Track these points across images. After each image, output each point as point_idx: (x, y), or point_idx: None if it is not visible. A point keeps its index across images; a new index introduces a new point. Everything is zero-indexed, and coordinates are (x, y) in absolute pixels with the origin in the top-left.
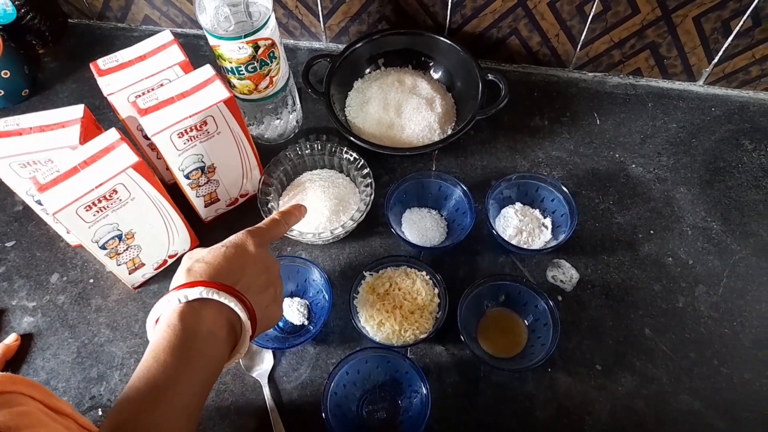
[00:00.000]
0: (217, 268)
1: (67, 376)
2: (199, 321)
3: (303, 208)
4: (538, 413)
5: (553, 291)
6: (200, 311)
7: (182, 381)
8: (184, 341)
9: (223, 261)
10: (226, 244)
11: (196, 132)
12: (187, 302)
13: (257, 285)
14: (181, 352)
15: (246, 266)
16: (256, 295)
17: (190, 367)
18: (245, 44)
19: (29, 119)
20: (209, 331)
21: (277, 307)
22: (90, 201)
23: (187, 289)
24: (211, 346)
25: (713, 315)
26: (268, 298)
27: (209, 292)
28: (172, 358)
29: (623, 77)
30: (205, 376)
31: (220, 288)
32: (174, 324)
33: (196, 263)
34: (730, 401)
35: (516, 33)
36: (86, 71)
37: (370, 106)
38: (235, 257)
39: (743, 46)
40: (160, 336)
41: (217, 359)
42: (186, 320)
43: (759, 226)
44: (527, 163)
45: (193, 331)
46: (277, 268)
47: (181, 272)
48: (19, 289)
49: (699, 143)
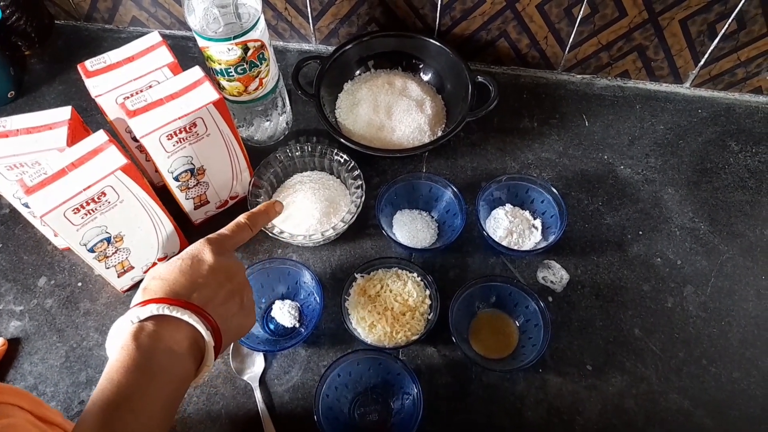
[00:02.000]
0: (172, 283)
1: (55, 380)
2: (156, 339)
3: (278, 204)
4: (530, 413)
5: (543, 292)
6: (157, 329)
7: (138, 400)
8: (139, 361)
9: (179, 275)
10: (182, 256)
11: (186, 134)
12: (141, 322)
13: (219, 296)
14: (135, 372)
15: (203, 277)
16: (218, 306)
17: (146, 386)
18: (234, 46)
19: (16, 121)
20: (167, 348)
21: (246, 316)
22: (78, 203)
23: (138, 308)
24: (170, 363)
25: (701, 315)
26: (233, 308)
27: (160, 308)
28: (125, 379)
29: (611, 79)
30: (165, 393)
31: (173, 303)
32: (127, 345)
33: (152, 281)
34: (718, 400)
35: (505, 35)
36: (73, 73)
37: (360, 108)
38: (190, 269)
39: (729, 48)
40: (114, 358)
41: (178, 376)
42: (140, 340)
43: (745, 227)
44: (517, 165)
45: (148, 350)
46: (241, 274)
47: (139, 291)
48: (6, 293)
49: (686, 145)
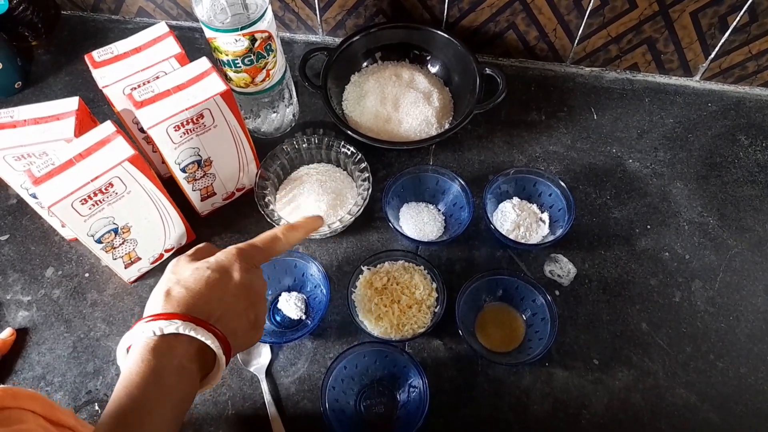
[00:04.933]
0: (197, 296)
1: (63, 370)
2: (172, 355)
3: (319, 219)
4: (535, 407)
5: (550, 286)
6: (173, 345)
7: (154, 417)
8: (157, 377)
9: (205, 289)
10: (212, 266)
11: (193, 125)
12: (162, 336)
13: (235, 310)
14: (153, 388)
15: (227, 295)
16: (233, 321)
17: (161, 403)
18: (242, 37)
19: (23, 111)
20: (180, 366)
21: (255, 333)
22: (85, 194)
23: (163, 321)
24: (181, 380)
25: (709, 309)
26: (246, 324)
27: (186, 327)
28: (143, 394)
29: (620, 72)
30: (175, 411)
31: (198, 323)
32: (147, 358)
33: (176, 286)
34: (725, 395)
35: (513, 27)
36: (80, 64)
37: (367, 100)
38: (217, 285)
39: (740, 41)
40: (133, 370)
41: (187, 394)
42: (159, 355)
43: (754, 221)
44: (524, 158)
45: (165, 367)
46: (263, 291)
47: (160, 293)
48: (14, 284)
49: (695, 138)
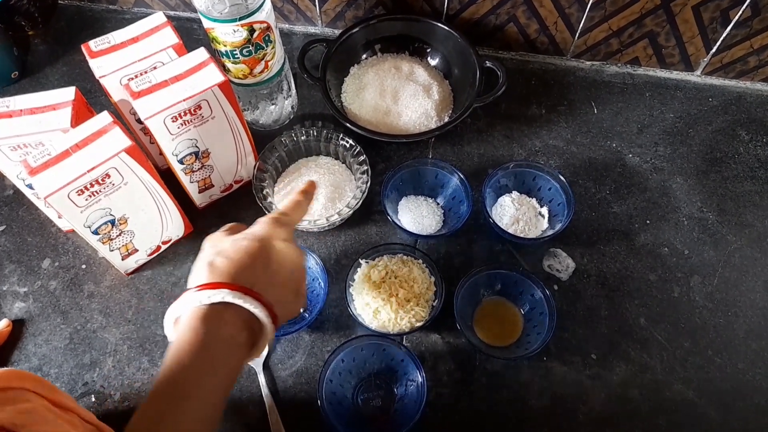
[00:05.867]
0: (240, 266)
1: (59, 362)
2: (220, 325)
3: (314, 183)
4: (533, 402)
5: (549, 280)
6: (222, 314)
7: (204, 388)
8: (206, 346)
9: (247, 258)
10: (249, 236)
11: (190, 116)
12: (210, 305)
13: (278, 279)
14: (203, 358)
15: (270, 263)
16: (277, 289)
17: (211, 372)
18: (240, 27)
19: (20, 101)
20: (230, 335)
21: (297, 302)
22: (82, 185)
23: (210, 290)
24: (231, 350)
25: (708, 305)
26: (289, 293)
27: (234, 296)
28: (194, 364)
29: (621, 66)
30: (225, 383)
31: (245, 292)
32: (197, 327)
33: (218, 257)
34: (723, 391)
35: (514, 20)
36: (77, 54)
37: (367, 92)
38: (259, 254)
39: (742, 36)
40: (184, 339)
41: (236, 363)
42: (208, 324)
43: (754, 217)
44: (524, 152)
45: (214, 336)
46: (301, 260)
47: (203, 266)
48: (10, 275)
49: (696, 133)
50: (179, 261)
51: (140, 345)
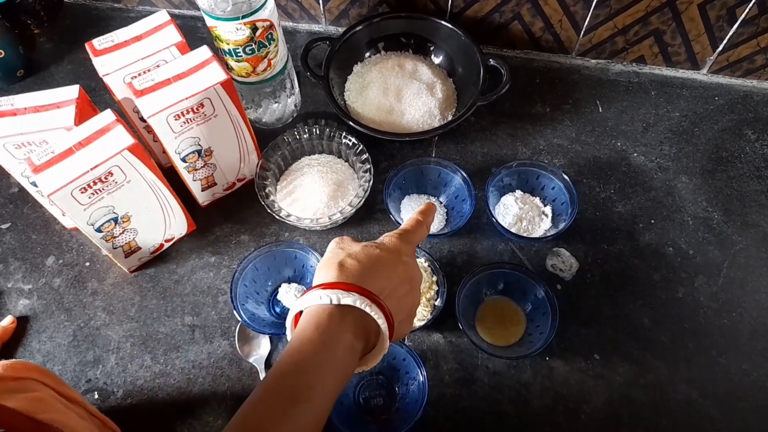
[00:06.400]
0: (370, 271)
1: (63, 359)
2: (344, 328)
3: (433, 205)
4: (535, 402)
5: (552, 280)
6: (346, 317)
7: (320, 393)
8: (329, 348)
9: (377, 265)
10: (380, 246)
11: (193, 114)
12: (338, 305)
13: (399, 294)
14: (324, 362)
15: (395, 275)
16: (397, 303)
17: (329, 379)
18: (243, 25)
19: (24, 99)
20: (350, 342)
21: (409, 321)
22: (85, 183)
23: (341, 291)
24: (348, 355)
25: (712, 305)
26: (405, 310)
27: (363, 303)
28: (314, 367)
29: (626, 65)
30: (337, 388)
31: (372, 300)
32: (323, 327)
33: (348, 258)
34: (727, 391)
35: (518, 18)
36: (82, 52)
37: (370, 90)
38: (388, 264)
39: (748, 34)
40: (306, 337)
41: (350, 371)
42: (333, 325)
43: (760, 217)
44: (528, 151)
45: (337, 340)
46: (420, 280)
47: (332, 264)
48: (15, 272)
49: (701, 132)
50: (182, 259)
51: (143, 342)
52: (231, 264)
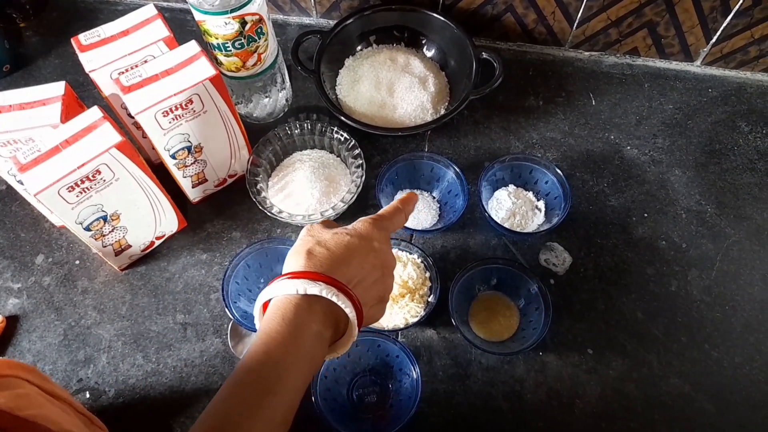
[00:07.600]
0: (339, 259)
1: (53, 358)
2: (311, 318)
3: (414, 194)
4: (529, 396)
5: (545, 274)
6: (313, 306)
7: (290, 377)
8: (296, 338)
9: (346, 252)
10: (351, 232)
11: (182, 110)
12: (304, 295)
13: (370, 280)
14: (292, 352)
15: (366, 262)
16: (367, 290)
17: (297, 366)
18: (231, 19)
19: (8, 96)
20: (318, 331)
21: (380, 308)
22: (72, 182)
23: (307, 281)
24: (317, 344)
25: (705, 299)
26: (376, 297)
27: (330, 292)
28: (283, 357)
29: (620, 57)
30: (306, 378)
31: (340, 289)
32: (289, 318)
33: (317, 246)
34: (720, 385)
35: (511, 10)
36: (69, 46)
37: (362, 84)
38: (358, 251)
39: (742, 25)
40: (273, 328)
41: (318, 359)
42: (300, 315)
43: (753, 210)
44: (521, 145)
45: (304, 329)
46: (393, 266)
47: (301, 252)
48: (4, 271)
49: (695, 125)
50: (173, 256)
51: (134, 341)
52: (223, 261)
